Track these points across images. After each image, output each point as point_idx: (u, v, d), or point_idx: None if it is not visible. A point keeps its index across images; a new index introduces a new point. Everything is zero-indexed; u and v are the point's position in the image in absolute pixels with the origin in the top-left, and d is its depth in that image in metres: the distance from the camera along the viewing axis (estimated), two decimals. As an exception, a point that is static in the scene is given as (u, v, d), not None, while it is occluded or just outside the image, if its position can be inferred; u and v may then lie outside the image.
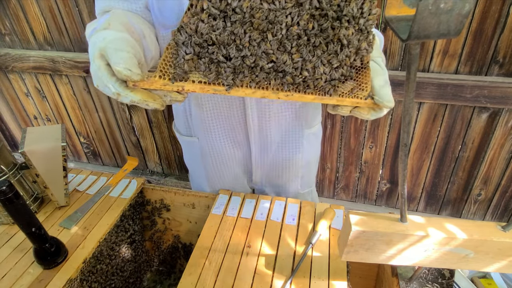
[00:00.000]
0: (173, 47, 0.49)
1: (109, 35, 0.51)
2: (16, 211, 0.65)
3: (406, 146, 0.42)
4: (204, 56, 0.48)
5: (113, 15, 0.62)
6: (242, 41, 0.46)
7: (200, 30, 0.46)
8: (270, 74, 0.48)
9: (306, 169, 0.97)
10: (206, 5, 0.45)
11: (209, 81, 0.49)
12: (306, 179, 1.00)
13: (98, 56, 0.49)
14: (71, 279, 0.70)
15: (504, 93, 1.19)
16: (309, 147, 0.93)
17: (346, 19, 0.46)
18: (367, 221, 0.51)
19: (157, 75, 0.48)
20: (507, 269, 0.53)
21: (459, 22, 0.28)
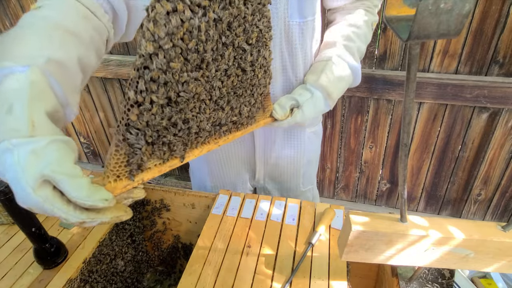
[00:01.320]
0: (123, 148, 0.44)
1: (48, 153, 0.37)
2: (16, 211, 0.65)
3: (406, 146, 0.42)
4: (156, 143, 0.47)
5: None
6: (187, 115, 0.49)
7: (152, 123, 0.44)
8: (211, 131, 0.56)
9: (307, 167, 0.98)
10: (156, 98, 0.43)
11: (164, 161, 0.49)
12: (308, 177, 1.01)
13: (40, 185, 0.35)
14: (71, 279, 0.70)
15: (504, 93, 1.19)
16: (310, 146, 0.95)
17: (258, 67, 0.60)
18: (367, 221, 0.51)
19: (112, 180, 0.43)
20: (507, 269, 0.53)
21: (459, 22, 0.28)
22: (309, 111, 0.73)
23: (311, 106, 0.73)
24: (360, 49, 0.80)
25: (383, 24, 1.23)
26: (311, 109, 0.73)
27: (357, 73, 0.80)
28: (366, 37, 0.81)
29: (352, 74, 0.78)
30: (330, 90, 0.74)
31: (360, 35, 0.79)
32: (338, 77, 0.75)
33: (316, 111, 0.75)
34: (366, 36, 0.81)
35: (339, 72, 0.75)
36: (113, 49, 1.59)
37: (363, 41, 0.80)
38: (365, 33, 0.80)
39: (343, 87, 0.77)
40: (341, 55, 0.77)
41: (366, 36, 0.81)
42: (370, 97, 1.37)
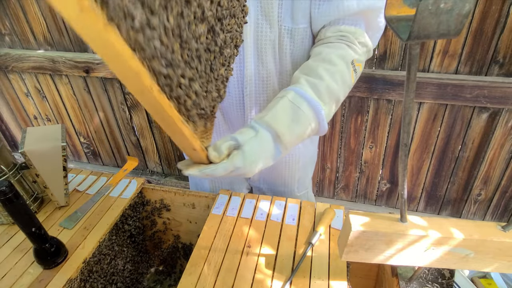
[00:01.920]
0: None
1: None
2: (16, 211, 0.65)
3: (406, 146, 0.42)
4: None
5: None
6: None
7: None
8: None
9: (302, 172, 0.98)
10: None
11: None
12: (302, 182, 1.01)
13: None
14: (71, 279, 0.70)
15: (504, 93, 1.19)
16: (304, 150, 0.94)
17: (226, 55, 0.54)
18: (367, 221, 0.51)
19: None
20: (507, 269, 0.53)
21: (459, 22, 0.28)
22: (252, 152, 0.54)
23: (256, 146, 0.55)
24: (331, 89, 0.62)
25: (383, 24, 1.23)
26: (255, 150, 0.55)
27: (319, 117, 0.61)
28: (342, 76, 0.64)
29: (315, 117, 0.61)
30: (280, 131, 0.57)
31: (333, 73, 0.63)
32: (293, 118, 0.59)
33: (263, 154, 0.56)
34: (342, 76, 0.64)
35: (295, 112, 0.59)
36: (113, 49, 1.59)
37: (338, 80, 0.63)
38: (341, 72, 0.64)
39: (300, 132, 0.60)
40: (302, 93, 0.61)
41: (342, 75, 0.64)
42: (370, 97, 1.37)
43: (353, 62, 0.66)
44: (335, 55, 0.65)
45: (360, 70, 0.69)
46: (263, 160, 0.57)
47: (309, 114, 0.60)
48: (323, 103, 0.61)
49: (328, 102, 0.62)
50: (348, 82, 0.66)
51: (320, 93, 0.62)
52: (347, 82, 0.65)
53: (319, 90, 0.62)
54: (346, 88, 0.66)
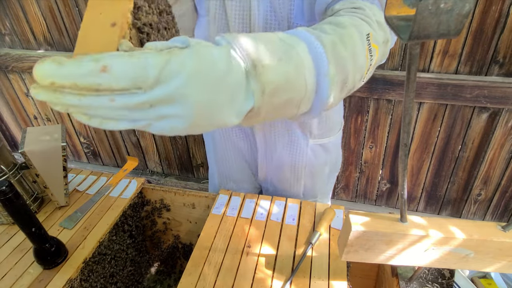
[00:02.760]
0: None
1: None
2: (16, 211, 0.65)
3: (406, 146, 0.42)
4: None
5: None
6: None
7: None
8: None
9: (310, 180, 0.93)
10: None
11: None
12: (310, 190, 0.95)
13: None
14: (71, 279, 0.70)
15: (504, 93, 1.19)
16: (314, 159, 0.89)
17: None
18: (367, 221, 0.51)
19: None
20: (507, 269, 0.53)
21: (459, 22, 0.28)
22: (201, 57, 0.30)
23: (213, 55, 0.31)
24: (338, 49, 0.42)
25: (383, 24, 1.23)
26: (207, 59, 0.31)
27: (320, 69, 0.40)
28: (354, 44, 0.45)
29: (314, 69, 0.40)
30: (259, 59, 0.35)
31: (342, 35, 0.45)
32: (281, 56, 0.37)
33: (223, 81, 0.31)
34: (354, 43, 0.45)
35: (286, 51, 0.38)
36: (113, 49, 1.59)
37: (347, 45, 0.44)
38: (352, 38, 0.46)
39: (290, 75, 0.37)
40: (299, 32, 0.42)
41: (354, 43, 0.46)
42: (370, 97, 1.37)
43: (369, 37, 0.48)
44: (345, 19, 0.49)
45: (376, 55, 0.49)
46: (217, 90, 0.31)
47: (305, 60, 0.39)
48: (335, 67, 0.41)
49: (333, 64, 0.41)
50: (360, 59, 0.46)
51: (324, 45, 0.41)
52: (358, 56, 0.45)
53: (323, 41, 0.41)
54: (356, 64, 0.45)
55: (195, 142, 1.75)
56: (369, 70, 0.49)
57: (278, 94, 0.37)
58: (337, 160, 0.99)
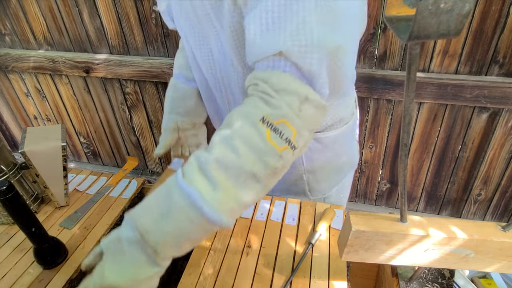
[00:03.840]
0: None
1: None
2: (16, 211, 0.65)
3: (406, 146, 0.42)
4: None
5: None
6: None
7: None
8: None
9: (312, 176, 0.88)
10: None
11: None
12: (315, 186, 0.90)
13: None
14: (71, 279, 0.70)
15: (504, 93, 1.19)
16: (311, 154, 0.85)
17: None
18: (367, 221, 0.51)
19: None
20: (507, 269, 0.53)
21: (459, 22, 0.28)
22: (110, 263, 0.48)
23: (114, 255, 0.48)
24: (224, 161, 0.46)
25: (383, 24, 1.23)
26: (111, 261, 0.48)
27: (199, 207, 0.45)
28: (246, 141, 0.47)
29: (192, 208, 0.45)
30: (144, 228, 0.45)
31: (231, 139, 0.47)
32: (163, 212, 0.46)
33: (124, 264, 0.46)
34: (246, 140, 0.47)
35: (166, 203, 0.46)
36: (113, 49, 1.59)
37: (238, 148, 0.46)
38: (243, 136, 0.47)
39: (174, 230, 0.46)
40: (177, 175, 0.48)
41: (245, 139, 0.47)
42: (370, 97, 1.37)
43: (265, 119, 0.47)
44: (237, 113, 0.50)
45: (289, 128, 0.48)
46: (128, 264, 0.45)
47: (181, 204, 0.45)
48: (212, 185, 0.45)
49: (222, 182, 0.45)
50: (261, 146, 0.47)
51: (206, 170, 0.46)
52: (257, 146, 0.47)
53: (205, 166, 0.46)
54: (265, 155, 0.47)
55: (195, 142, 1.75)
56: (291, 142, 0.48)
57: (174, 247, 0.46)
58: (346, 156, 0.91)
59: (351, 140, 0.92)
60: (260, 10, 0.50)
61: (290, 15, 0.48)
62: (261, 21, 0.49)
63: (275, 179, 0.51)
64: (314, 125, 0.53)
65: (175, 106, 0.88)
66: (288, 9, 0.48)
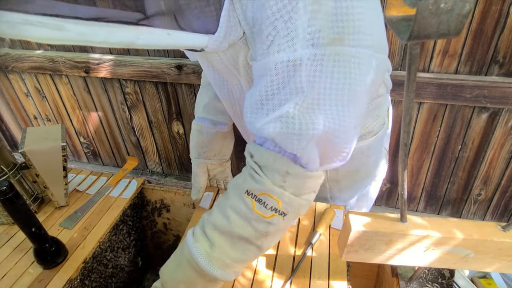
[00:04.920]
0: None
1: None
2: (16, 211, 0.65)
3: (406, 146, 0.42)
4: None
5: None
6: None
7: None
8: None
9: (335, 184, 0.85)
10: None
11: None
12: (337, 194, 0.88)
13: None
14: (71, 279, 0.70)
15: (504, 93, 1.19)
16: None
17: None
18: (367, 221, 0.51)
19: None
20: (507, 269, 0.53)
21: (459, 22, 0.28)
22: None
23: None
24: (218, 226, 0.55)
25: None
26: None
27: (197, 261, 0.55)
28: (236, 210, 0.55)
29: (194, 260, 0.55)
30: (163, 279, 0.60)
31: (224, 206, 0.56)
32: (177, 263, 0.59)
33: None
34: (235, 209, 0.55)
35: (179, 257, 0.59)
36: (113, 49, 1.59)
37: (228, 216, 0.55)
38: (232, 205, 0.55)
39: (182, 277, 0.57)
40: (188, 235, 0.58)
41: (235, 209, 0.55)
42: (370, 97, 1.37)
43: (249, 192, 0.54)
44: (232, 184, 0.58)
45: (271, 199, 0.53)
46: None
47: (188, 258, 0.56)
48: (209, 243, 0.55)
49: (218, 242, 0.55)
50: (248, 214, 0.54)
51: (205, 231, 0.56)
52: (245, 215, 0.54)
53: (204, 228, 0.57)
54: (253, 222, 0.54)
55: (195, 142, 1.75)
56: (278, 210, 0.54)
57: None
58: (373, 166, 0.89)
59: (380, 149, 0.88)
60: (254, 90, 0.52)
61: (274, 103, 0.50)
62: (252, 101, 0.53)
63: (271, 240, 0.57)
64: (306, 190, 0.56)
65: (202, 151, 0.88)
66: (276, 94, 0.50)
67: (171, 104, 1.65)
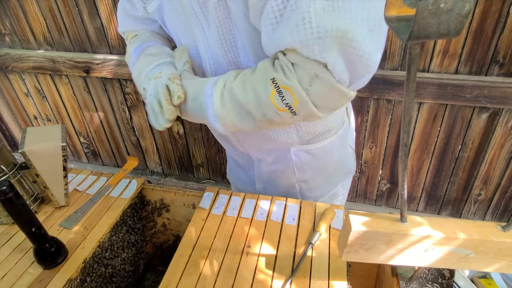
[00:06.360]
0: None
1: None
2: (16, 211, 0.65)
3: (406, 146, 0.42)
4: None
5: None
6: None
7: None
8: None
9: (304, 184, 0.90)
10: None
11: None
12: (307, 194, 0.93)
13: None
14: (71, 279, 0.70)
15: (504, 93, 1.19)
16: (302, 165, 0.86)
17: None
18: (367, 221, 0.51)
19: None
20: (507, 269, 0.53)
21: (459, 22, 0.28)
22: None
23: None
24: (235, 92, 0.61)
25: (383, 24, 1.23)
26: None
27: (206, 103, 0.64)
28: (254, 87, 0.60)
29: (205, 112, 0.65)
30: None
31: (245, 80, 0.61)
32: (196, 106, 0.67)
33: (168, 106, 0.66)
34: (254, 86, 0.60)
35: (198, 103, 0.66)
36: (113, 49, 1.59)
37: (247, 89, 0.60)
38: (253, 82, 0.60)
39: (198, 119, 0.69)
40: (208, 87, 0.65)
41: (254, 86, 0.59)
42: (370, 97, 1.37)
43: (274, 80, 0.57)
44: (263, 65, 0.61)
45: (291, 96, 0.57)
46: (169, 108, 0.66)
47: (201, 99, 0.65)
48: (221, 103, 0.63)
49: (227, 104, 0.62)
50: (264, 99, 0.59)
51: (223, 93, 0.63)
52: (261, 98, 0.59)
53: (223, 91, 0.63)
54: (264, 108, 0.59)
55: (195, 142, 1.75)
56: (291, 108, 0.58)
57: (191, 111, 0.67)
58: (339, 165, 0.92)
59: (344, 148, 0.92)
60: (267, 10, 0.54)
61: (290, 12, 0.52)
62: (269, 21, 0.54)
63: (271, 126, 0.65)
64: (327, 104, 0.59)
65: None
66: (289, 5, 0.52)
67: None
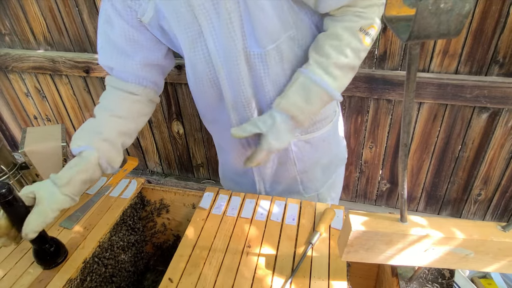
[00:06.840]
0: None
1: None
2: (15, 214, 0.65)
3: (406, 146, 0.42)
4: None
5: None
6: None
7: None
8: None
9: (304, 175, 0.94)
10: None
11: None
12: (308, 185, 0.97)
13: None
14: (71, 279, 0.70)
15: (504, 93, 1.19)
16: (302, 156, 0.90)
17: None
18: (367, 221, 0.51)
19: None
20: (507, 269, 0.53)
21: (459, 22, 0.28)
22: (273, 138, 0.73)
23: (275, 133, 0.73)
24: (340, 63, 0.70)
25: (383, 24, 1.23)
26: (275, 137, 0.73)
27: (329, 91, 0.71)
28: (351, 47, 0.70)
29: (325, 92, 0.71)
30: (294, 113, 0.72)
31: (341, 47, 0.70)
32: (305, 99, 0.71)
33: (283, 136, 0.73)
34: (351, 46, 0.70)
35: (306, 94, 0.71)
36: (113, 49, 1.59)
37: (347, 53, 0.70)
38: (349, 43, 0.70)
39: (312, 108, 0.73)
40: (311, 76, 0.71)
41: (351, 46, 0.70)
42: (370, 97, 1.37)
43: (362, 28, 0.70)
44: (340, 27, 0.70)
45: (374, 29, 0.71)
46: (286, 135, 0.74)
47: (319, 92, 0.71)
48: (333, 78, 0.71)
49: (338, 75, 0.71)
50: (360, 47, 0.70)
51: (328, 70, 0.70)
52: (358, 48, 0.70)
53: (327, 68, 0.70)
54: (360, 52, 0.71)
55: (195, 142, 1.75)
56: (373, 37, 0.71)
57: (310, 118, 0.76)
58: (335, 153, 0.98)
59: (338, 137, 0.99)
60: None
61: None
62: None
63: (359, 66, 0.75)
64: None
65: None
66: None
67: (171, 104, 1.65)
